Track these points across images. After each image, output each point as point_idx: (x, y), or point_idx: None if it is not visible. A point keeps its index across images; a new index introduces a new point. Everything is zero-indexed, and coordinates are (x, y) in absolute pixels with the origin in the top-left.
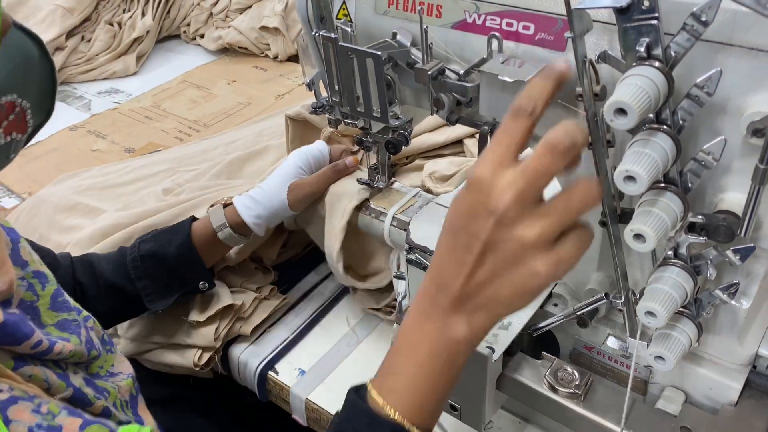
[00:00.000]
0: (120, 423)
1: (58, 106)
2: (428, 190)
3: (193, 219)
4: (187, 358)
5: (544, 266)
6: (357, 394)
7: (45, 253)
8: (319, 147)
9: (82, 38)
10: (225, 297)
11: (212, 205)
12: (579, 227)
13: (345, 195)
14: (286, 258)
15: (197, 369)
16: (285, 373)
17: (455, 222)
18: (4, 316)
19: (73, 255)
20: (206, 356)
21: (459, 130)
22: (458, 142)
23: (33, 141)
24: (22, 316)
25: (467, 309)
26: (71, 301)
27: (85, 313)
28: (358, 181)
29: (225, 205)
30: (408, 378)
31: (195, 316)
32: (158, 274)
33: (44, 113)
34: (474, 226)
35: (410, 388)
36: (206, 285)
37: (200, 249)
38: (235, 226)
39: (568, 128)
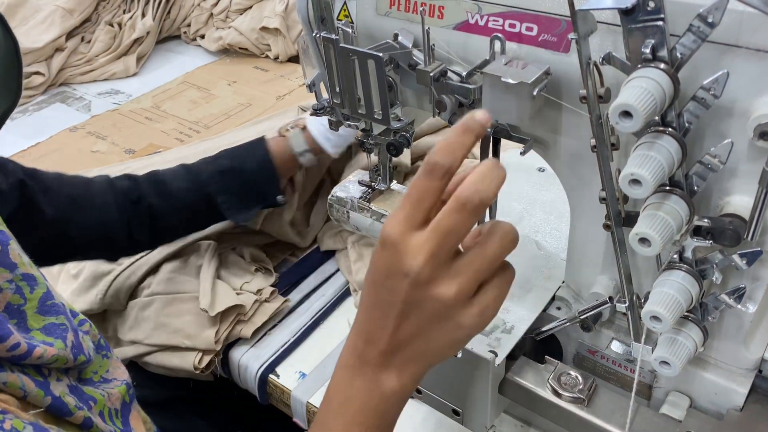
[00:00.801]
0: None
1: (59, 107)
2: None
3: (263, 139)
4: (188, 361)
5: (468, 319)
6: None
7: (77, 185)
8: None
9: (82, 39)
10: (231, 296)
11: (286, 129)
12: (498, 271)
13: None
14: (286, 254)
15: (197, 372)
16: (286, 376)
17: (375, 277)
18: None
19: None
20: (206, 359)
21: None
22: None
23: (32, 142)
24: (1, 318)
25: (396, 362)
26: (65, 304)
27: (81, 317)
28: (359, 182)
29: (303, 128)
30: None
31: (204, 305)
32: (238, 189)
33: (11, 95)
34: (392, 285)
35: None
36: (284, 199)
37: (277, 167)
38: (313, 149)
39: (478, 183)
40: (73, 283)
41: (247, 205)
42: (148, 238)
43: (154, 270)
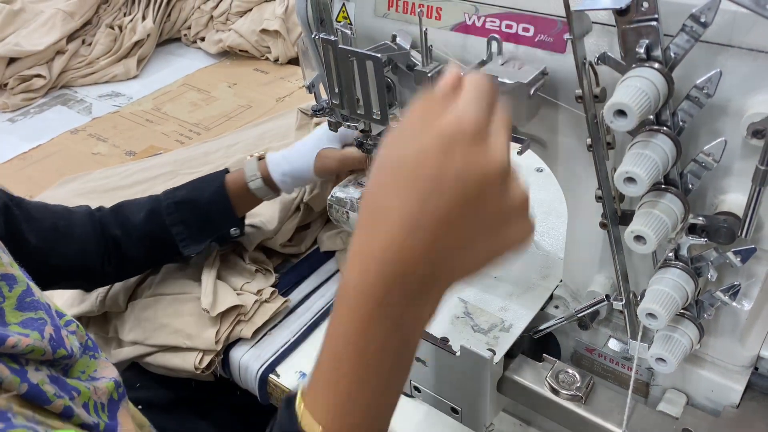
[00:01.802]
0: (84, 425)
1: (59, 109)
2: None
3: (226, 171)
4: (188, 362)
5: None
6: (288, 410)
7: (60, 215)
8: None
9: (83, 42)
10: (231, 296)
11: (250, 156)
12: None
13: None
14: (290, 253)
15: (198, 372)
16: (286, 376)
17: (440, 177)
18: None
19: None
20: (207, 359)
21: None
22: None
23: (33, 144)
24: None
25: (438, 283)
26: (52, 305)
27: (67, 317)
28: (359, 184)
29: (259, 158)
30: (348, 395)
31: (206, 305)
32: (192, 221)
33: None
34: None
35: (349, 406)
36: (238, 231)
37: (233, 198)
38: (266, 179)
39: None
40: None
41: (200, 238)
42: (115, 270)
43: (153, 271)
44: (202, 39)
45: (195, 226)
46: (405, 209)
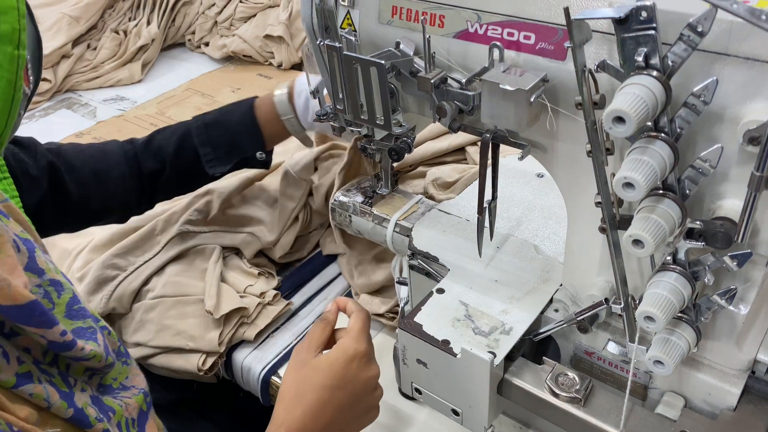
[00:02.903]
0: None
1: (64, 113)
2: (431, 197)
3: (254, 98)
4: (191, 363)
5: (376, 404)
6: None
7: (96, 159)
8: None
9: (88, 46)
10: (235, 298)
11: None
12: None
13: None
14: (292, 260)
15: (201, 373)
16: None
17: (331, 383)
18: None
19: (78, 263)
20: (210, 361)
21: (461, 137)
22: (460, 149)
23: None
24: (44, 308)
25: None
26: (88, 309)
27: (102, 322)
28: (362, 188)
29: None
30: None
31: (210, 307)
32: (219, 141)
33: (36, 73)
34: (350, 389)
35: None
36: (263, 155)
37: (262, 123)
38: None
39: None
40: (78, 286)
41: (226, 159)
42: (149, 202)
43: (157, 272)
44: (206, 44)
45: (222, 148)
46: (316, 398)
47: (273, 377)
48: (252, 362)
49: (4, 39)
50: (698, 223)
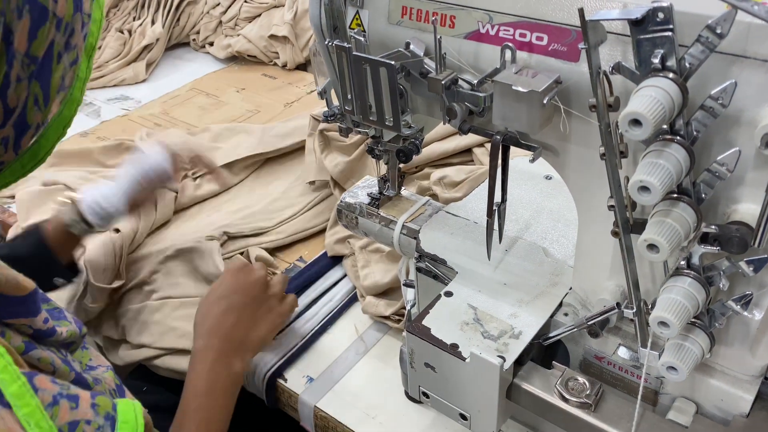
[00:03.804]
0: None
1: None
2: (434, 196)
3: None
4: None
5: (283, 308)
6: None
7: None
8: (161, 163)
9: None
10: None
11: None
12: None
13: None
14: (294, 259)
15: None
16: (293, 381)
17: (225, 293)
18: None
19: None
20: None
21: (468, 138)
22: (467, 150)
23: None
24: (32, 293)
25: (240, 352)
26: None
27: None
28: (368, 195)
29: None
30: (215, 413)
31: None
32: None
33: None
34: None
35: (214, 420)
36: (61, 281)
37: (54, 246)
38: (85, 221)
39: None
40: None
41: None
42: None
43: (164, 274)
44: (211, 44)
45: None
46: (217, 309)
47: (278, 379)
48: (257, 364)
49: (62, 122)
50: (713, 227)
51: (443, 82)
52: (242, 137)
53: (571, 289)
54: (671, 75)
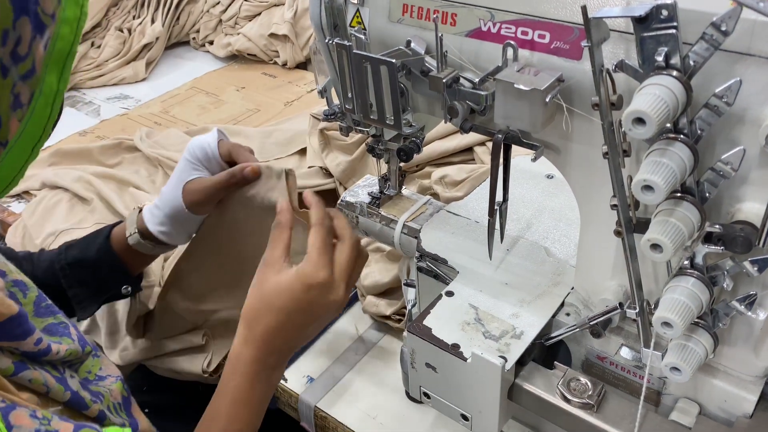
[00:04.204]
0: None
1: (68, 111)
2: (435, 195)
3: (119, 222)
4: (196, 365)
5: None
6: None
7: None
8: (207, 139)
9: (92, 44)
10: None
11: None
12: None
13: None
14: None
15: (206, 375)
16: (293, 380)
17: (292, 308)
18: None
19: None
20: (215, 362)
21: (469, 137)
22: (468, 149)
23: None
24: (23, 312)
25: (284, 360)
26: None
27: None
28: (369, 194)
29: (140, 210)
30: (248, 426)
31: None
32: (87, 280)
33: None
34: (312, 312)
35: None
36: (129, 289)
37: (121, 253)
38: (144, 232)
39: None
40: None
41: (96, 297)
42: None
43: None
44: (211, 42)
45: (91, 286)
46: (275, 320)
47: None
48: None
49: (27, 140)
50: (717, 227)
51: (444, 81)
52: (240, 140)
53: (573, 288)
54: (675, 73)
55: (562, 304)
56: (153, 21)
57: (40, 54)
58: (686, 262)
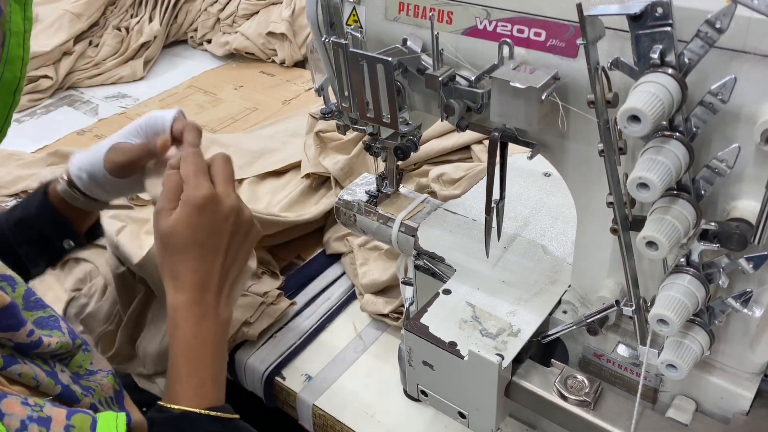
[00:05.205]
0: None
1: (66, 110)
2: (432, 193)
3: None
4: None
5: (253, 226)
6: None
7: None
8: (163, 113)
9: (90, 43)
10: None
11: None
12: None
13: None
14: (293, 257)
15: None
16: (292, 379)
17: (196, 237)
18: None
19: None
20: None
21: (466, 135)
22: (465, 147)
23: (40, 145)
24: (15, 304)
25: (224, 295)
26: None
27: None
28: (366, 192)
29: None
30: (209, 373)
31: None
32: (33, 238)
33: None
34: (218, 229)
35: (209, 380)
36: (71, 243)
37: (60, 208)
38: (70, 181)
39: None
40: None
41: (43, 256)
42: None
43: None
44: (209, 41)
45: (38, 243)
46: (191, 257)
47: (276, 377)
48: (255, 362)
49: (7, 86)
50: (713, 224)
51: (441, 79)
52: (230, 154)
53: (570, 286)
54: (670, 70)
55: (559, 302)
56: (151, 20)
57: None
58: (682, 260)
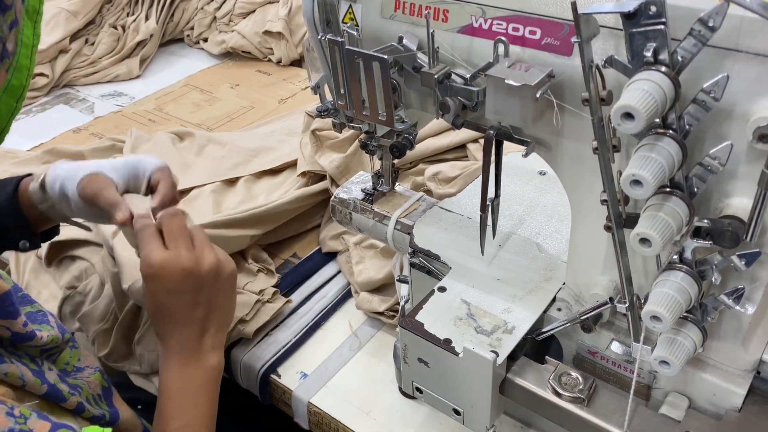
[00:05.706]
0: (94, 418)
1: (62, 108)
2: (428, 192)
3: (22, 178)
4: None
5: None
6: None
7: None
8: (151, 162)
9: (86, 41)
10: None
11: None
12: None
13: None
14: (288, 255)
15: None
16: (287, 377)
17: (165, 301)
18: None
19: None
20: None
21: (462, 134)
22: (461, 146)
23: (35, 143)
24: (11, 291)
25: (209, 341)
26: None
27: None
28: (362, 191)
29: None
30: (192, 417)
31: None
32: None
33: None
34: (185, 288)
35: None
36: (26, 244)
37: (24, 206)
38: (43, 183)
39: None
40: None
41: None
42: None
43: None
44: (205, 40)
45: None
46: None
47: (272, 375)
48: (250, 360)
49: (12, 92)
50: (705, 221)
51: (436, 77)
52: (226, 152)
53: (564, 284)
54: (664, 68)
55: (554, 300)
56: (147, 18)
57: (19, 6)
58: (675, 257)
